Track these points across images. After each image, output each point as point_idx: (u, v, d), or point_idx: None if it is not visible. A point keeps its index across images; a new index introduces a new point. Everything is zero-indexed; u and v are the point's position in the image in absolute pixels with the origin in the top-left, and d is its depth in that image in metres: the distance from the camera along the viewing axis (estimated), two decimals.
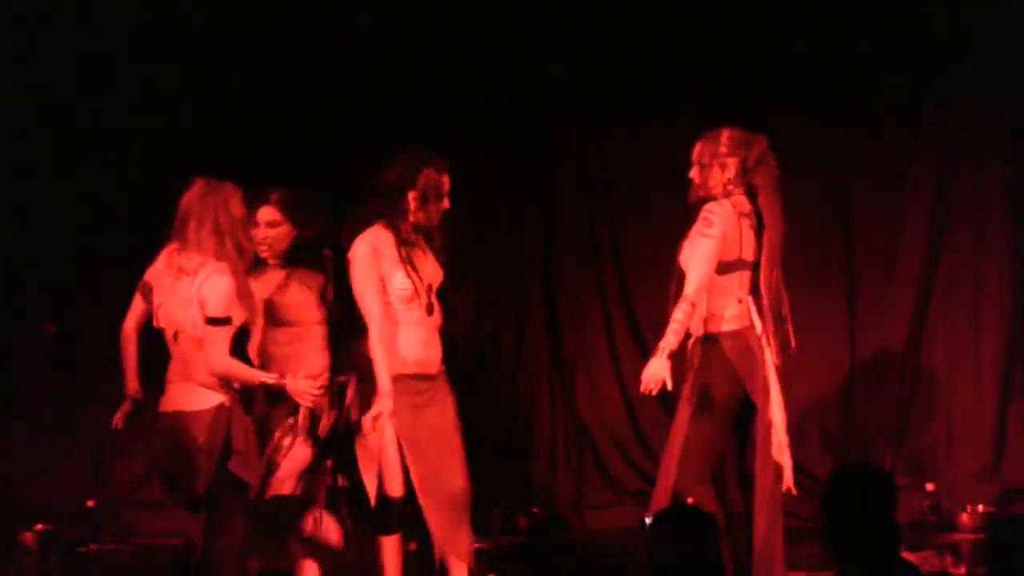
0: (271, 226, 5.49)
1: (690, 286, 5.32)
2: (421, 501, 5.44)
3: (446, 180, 5.52)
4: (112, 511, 7.66)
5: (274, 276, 5.54)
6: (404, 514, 5.50)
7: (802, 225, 7.60)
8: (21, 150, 7.93)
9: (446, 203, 5.53)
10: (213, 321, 5.09)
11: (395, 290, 5.44)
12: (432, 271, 5.57)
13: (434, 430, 5.47)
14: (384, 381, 5.31)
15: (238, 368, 5.16)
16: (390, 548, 5.53)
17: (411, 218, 5.48)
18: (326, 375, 5.51)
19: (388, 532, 5.52)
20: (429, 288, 5.52)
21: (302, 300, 5.52)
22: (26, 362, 8.11)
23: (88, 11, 7.76)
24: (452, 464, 5.50)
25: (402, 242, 5.46)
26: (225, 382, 5.14)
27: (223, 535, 5.14)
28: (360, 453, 5.45)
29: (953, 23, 7.76)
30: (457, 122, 7.79)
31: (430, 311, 5.50)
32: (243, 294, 5.22)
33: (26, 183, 8.00)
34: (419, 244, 5.54)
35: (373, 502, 5.45)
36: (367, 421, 5.31)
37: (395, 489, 5.47)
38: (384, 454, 5.44)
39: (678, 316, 5.29)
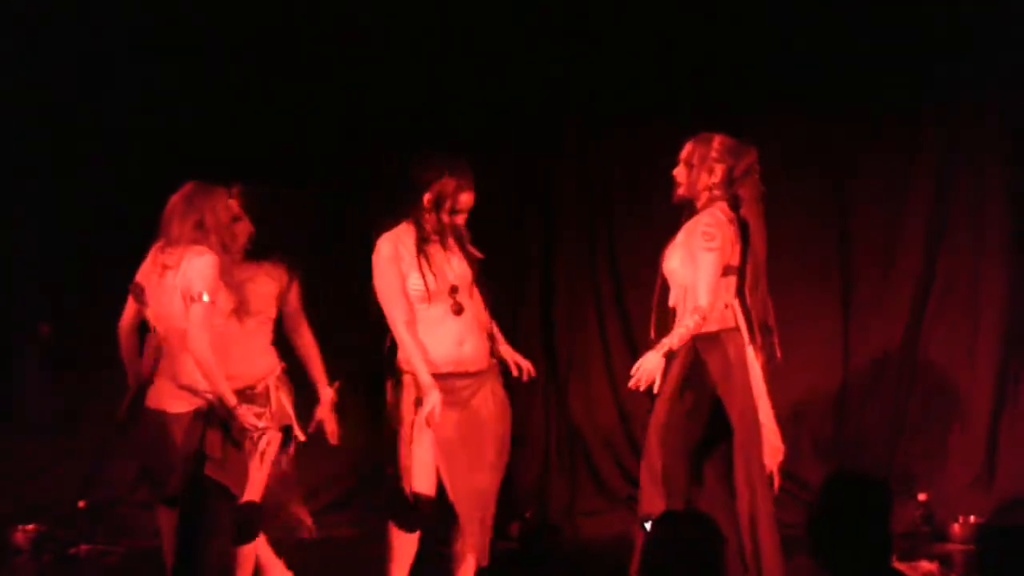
0: (232, 220, 5.48)
1: (702, 299, 5.38)
2: (450, 497, 5.43)
3: (464, 198, 5.50)
4: (111, 512, 7.65)
5: (242, 267, 5.50)
6: (427, 515, 5.48)
7: (801, 225, 7.67)
8: (21, 150, 7.92)
9: (460, 219, 5.51)
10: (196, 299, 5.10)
11: (410, 289, 5.45)
12: (458, 270, 5.54)
13: (468, 428, 5.43)
14: (423, 375, 5.32)
15: (212, 365, 5.08)
16: (403, 545, 5.50)
17: (427, 217, 5.49)
18: (278, 367, 5.51)
19: (404, 528, 5.50)
20: (454, 288, 5.50)
21: (266, 291, 5.54)
22: (25, 362, 8.11)
23: (88, 11, 7.74)
24: (483, 464, 5.47)
25: (424, 239, 5.46)
26: (200, 385, 5.13)
27: (215, 538, 5.15)
28: (402, 451, 5.45)
29: (953, 23, 7.73)
30: (457, 122, 7.76)
31: (457, 311, 5.49)
32: (230, 284, 5.24)
33: (26, 183, 8.00)
34: (443, 242, 5.53)
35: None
36: (421, 419, 5.31)
37: (424, 487, 5.45)
38: (416, 452, 5.43)
39: (688, 323, 5.37)
